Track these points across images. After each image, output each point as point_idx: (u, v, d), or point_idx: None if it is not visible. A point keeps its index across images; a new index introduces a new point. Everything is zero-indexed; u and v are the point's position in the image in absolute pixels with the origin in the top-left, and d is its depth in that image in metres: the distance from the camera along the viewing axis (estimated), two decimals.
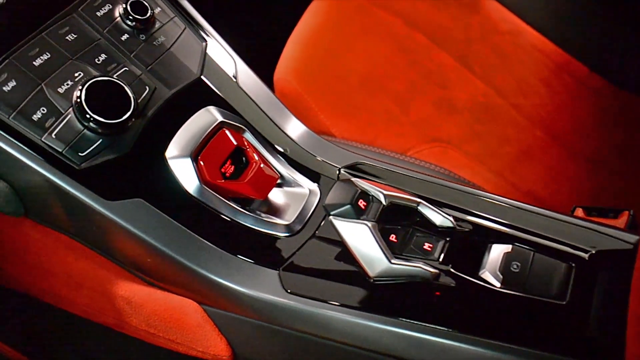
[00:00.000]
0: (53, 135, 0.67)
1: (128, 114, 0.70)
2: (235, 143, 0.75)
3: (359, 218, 0.69)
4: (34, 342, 1.06)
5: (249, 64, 0.85)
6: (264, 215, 0.74)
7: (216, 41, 0.85)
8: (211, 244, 0.70)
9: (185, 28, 0.83)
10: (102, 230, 0.70)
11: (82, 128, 0.68)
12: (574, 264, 0.67)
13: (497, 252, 0.69)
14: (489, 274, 0.67)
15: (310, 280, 0.69)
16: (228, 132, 0.75)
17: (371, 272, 0.67)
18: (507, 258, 0.68)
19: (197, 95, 0.79)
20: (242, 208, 0.73)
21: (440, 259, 0.69)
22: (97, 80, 0.69)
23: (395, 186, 0.75)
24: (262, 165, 0.74)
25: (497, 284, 0.66)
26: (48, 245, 0.78)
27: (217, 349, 0.75)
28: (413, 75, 1.22)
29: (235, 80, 0.83)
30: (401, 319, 0.64)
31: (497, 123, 1.20)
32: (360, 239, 0.67)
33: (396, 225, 0.71)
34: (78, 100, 0.68)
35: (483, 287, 0.66)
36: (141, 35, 0.78)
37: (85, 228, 0.72)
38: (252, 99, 0.82)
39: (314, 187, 0.78)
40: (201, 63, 0.81)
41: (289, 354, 0.73)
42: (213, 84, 0.81)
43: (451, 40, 1.29)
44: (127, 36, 0.77)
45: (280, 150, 0.81)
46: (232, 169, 0.74)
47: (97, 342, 0.94)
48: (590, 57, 1.32)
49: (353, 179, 0.73)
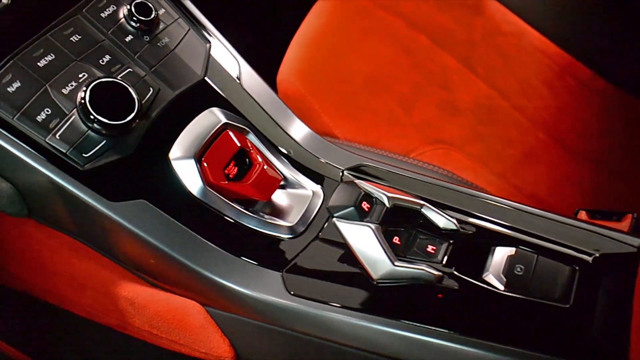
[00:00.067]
0: (57, 136, 0.67)
1: (132, 115, 0.70)
2: (238, 144, 0.75)
3: (362, 220, 0.69)
4: (36, 342, 1.06)
5: (252, 66, 0.85)
6: (267, 217, 0.74)
7: (220, 42, 0.85)
8: (214, 246, 0.70)
9: (189, 29, 0.83)
10: (106, 231, 0.70)
11: (86, 129, 0.69)
12: (577, 267, 0.67)
13: (500, 254, 0.69)
14: (493, 277, 0.67)
15: (313, 282, 0.69)
16: (232, 134, 0.75)
17: (374, 274, 0.67)
18: (511, 261, 0.68)
19: (201, 96, 0.79)
20: (245, 209, 0.73)
21: (444, 262, 0.69)
22: (101, 82, 0.69)
23: (398, 188, 0.75)
24: (266, 167, 0.74)
25: (501, 287, 0.66)
26: (51, 246, 0.78)
27: (220, 350, 0.75)
28: (416, 77, 1.22)
29: (238, 82, 0.83)
30: (404, 321, 0.64)
31: (500, 125, 1.20)
32: (364, 241, 0.67)
33: (399, 227, 0.71)
34: (82, 101, 0.68)
35: (486, 289, 0.66)
36: (145, 37, 0.78)
37: (89, 229, 0.72)
38: (255, 101, 0.82)
39: (318, 188, 0.78)
40: (205, 64, 0.81)
41: (291, 356, 0.73)
42: (217, 85, 0.81)
43: (454, 41, 1.29)
44: (131, 37, 0.77)
45: (284, 151, 0.81)
46: (236, 170, 0.74)
47: (99, 342, 0.94)
48: (593, 59, 1.31)
49: (356, 180, 0.73)
